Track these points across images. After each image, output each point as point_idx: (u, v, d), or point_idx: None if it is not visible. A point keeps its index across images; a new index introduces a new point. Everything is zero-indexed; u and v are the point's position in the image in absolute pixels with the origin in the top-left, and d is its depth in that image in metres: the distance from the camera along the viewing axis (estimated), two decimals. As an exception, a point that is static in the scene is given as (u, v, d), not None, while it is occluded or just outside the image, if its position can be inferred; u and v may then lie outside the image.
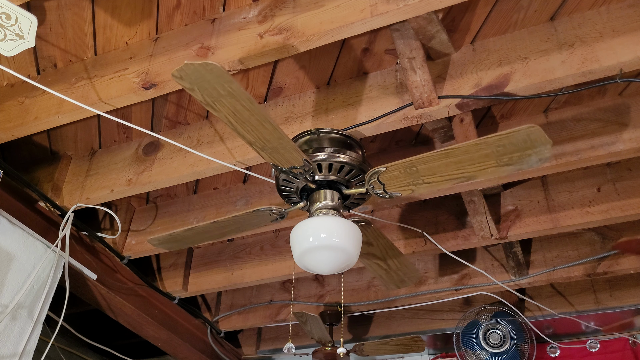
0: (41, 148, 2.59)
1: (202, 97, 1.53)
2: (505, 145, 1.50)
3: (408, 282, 2.34)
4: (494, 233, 2.54)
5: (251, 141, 1.68)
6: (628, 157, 2.31)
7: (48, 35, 2.09)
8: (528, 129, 1.44)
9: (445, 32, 1.93)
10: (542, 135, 1.44)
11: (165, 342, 3.20)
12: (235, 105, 1.55)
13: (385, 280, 2.32)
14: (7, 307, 2.09)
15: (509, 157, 1.52)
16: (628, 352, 3.16)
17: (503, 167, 1.56)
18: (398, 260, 2.20)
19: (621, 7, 1.88)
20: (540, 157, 1.49)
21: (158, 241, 2.12)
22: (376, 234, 2.05)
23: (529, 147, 1.48)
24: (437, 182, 1.68)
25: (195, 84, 1.49)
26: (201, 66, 1.42)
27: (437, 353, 3.71)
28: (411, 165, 1.66)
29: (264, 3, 1.91)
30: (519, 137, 1.46)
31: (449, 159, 1.59)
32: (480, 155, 1.55)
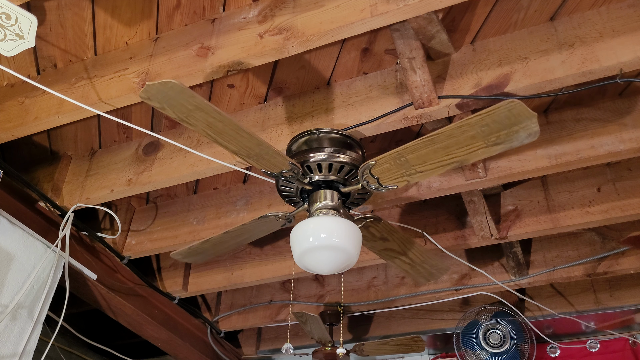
0: (41, 148, 2.59)
1: (175, 114, 1.56)
2: (489, 125, 1.46)
3: (437, 275, 2.27)
4: (494, 233, 2.54)
5: (235, 151, 1.70)
6: (628, 157, 2.31)
7: (48, 35, 2.09)
8: (508, 104, 1.40)
9: (445, 32, 1.93)
10: (524, 109, 1.40)
11: (165, 342, 3.20)
12: (207, 118, 1.57)
13: (413, 275, 2.26)
14: (7, 307, 2.09)
15: (496, 136, 1.48)
16: (628, 352, 3.16)
17: (493, 147, 1.52)
18: (420, 253, 2.14)
19: (621, 7, 1.88)
20: (529, 132, 1.45)
21: (182, 255, 2.18)
22: (389, 228, 2.02)
23: (514, 123, 1.44)
24: (430, 170, 1.66)
25: (163, 102, 1.52)
26: (162, 85, 1.46)
27: (437, 353, 3.71)
28: (399, 155, 1.65)
29: (264, 3, 1.91)
30: (502, 114, 1.42)
31: (436, 145, 1.57)
32: (467, 138, 1.52)
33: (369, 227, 2.02)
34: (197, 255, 2.26)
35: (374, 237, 2.07)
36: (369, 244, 2.12)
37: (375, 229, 2.02)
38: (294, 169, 1.80)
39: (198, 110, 1.54)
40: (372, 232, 2.05)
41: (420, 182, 2.37)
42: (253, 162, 1.76)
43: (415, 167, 1.67)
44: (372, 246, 2.13)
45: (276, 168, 1.79)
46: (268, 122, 2.26)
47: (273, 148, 1.69)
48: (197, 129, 1.62)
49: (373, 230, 2.03)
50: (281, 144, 2.17)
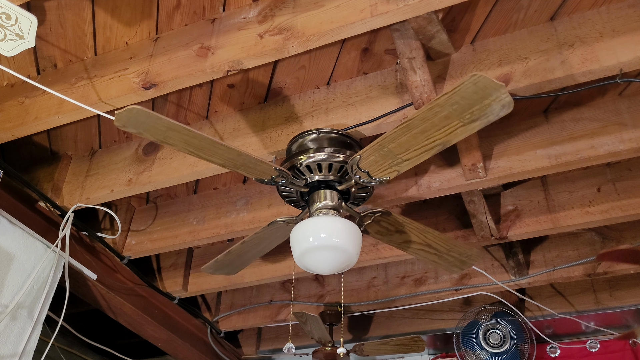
0: (41, 148, 2.59)
1: (153, 137, 1.61)
2: (459, 102, 1.43)
3: (470, 262, 2.17)
4: (494, 233, 2.54)
5: (220, 163, 1.72)
6: (628, 157, 2.31)
7: (48, 35, 2.09)
8: (471, 78, 1.37)
9: (445, 32, 1.93)
10: (489, 81, 1.36)
11: (165, 342, 3.20)
12: (182, 137, 1.61)
13: (443, 265, 2.19)
14: (7, 307, 2.09)
15: (469, 112, 1.45)
16: (628, 352, 3.16)
17: (470, 125, 1.49)
18: (443, 242, 2.08)
19: (621, 7, 1.88)
20: (502, 104, 1.41)
21: (212, 269, 2.23)
22: (402, 219, 1.98)
23: (483, 96, 1.40)
24: (416, 157, 1.64)
25: (138, 128, 1.57)
26: (128, 112, 1.51)
27: (437, 353, 3.71)
28: (381, 146, 1.64)
29: (264, 3, 1.91)
30: (468, 90, 1.39)
31: (412, 130, 1.55)
32: (441, 119, 1.49)
33: (380, 221, 1.98)
34: (225, 267, 2.28)
35: (389, 231, 2.02)
36: (386, 239, 2.07)
37: (387, 223, 1.98)
38: (282, 174, 1.80)
39: (170, 130, 1.58)
40: (385, 227, 2.01)
41: (420, 182, 2.37)
42: (242, 172, 1.78)
43: (401, 155, 1.65)
44: (390, 240, 2.08)
45: (265, 175, 1.80)
46: (268, 122, 2.26)
47: (254, 157, 1.70)
48: (179, 148, 1.66)
49: (385, 224, 1.99)
50: (281, 144, 2.17)
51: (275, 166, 1.76)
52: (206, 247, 3.18)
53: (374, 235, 2.07)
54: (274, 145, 2.18)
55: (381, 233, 2.04)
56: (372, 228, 2.02)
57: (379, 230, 2.02)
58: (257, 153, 2.20)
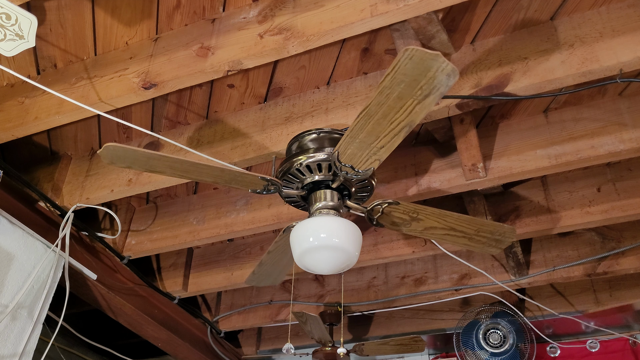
0: (41, 148, 2.59)
1: (140, 168, 1.70)
2: (404, 80, 1.41)
3: (506, 240, 2.01)
4: (494, 233, 2.54)
5: (211, 181, 1.77)
6: (628, 157, 2.31)
7: (48, 35, 2.09)
8: (405, 54, 1.34)
9: (445, 32, 1.93)
10: (423, 53, 1.33)
11: (165, 342, 3.20)
12: (164, 163, 1.68)
13: (478, 247, 2.06)
14: (7, 307, 2.09)
15: (419, 88, 1.42)
16: (628, 352, 3.16)
17: (426, 100, 1.45)
18: (468, 223, 1.96)
19: (621, 7, 1.88)
20: (447, 73, 1.37)
21: (254, 282, 2.31)
22: (414, 206, 1.89)
23: (425, 69, 1.37)
24: (389, 142, 1.61)
25: (125, 162, 1.65)
26: (105, 149, 1.61)
27: (437, 353, 3.71)
28: (352, 138, 1.63)
29: (264, 3, 1.91)
30: (407, 66, 1.37)
31: (374, 117, 1.54)
32: (395, 100, 1.47)
33: (391, 212, 1.91)
34: (265, 278, 2.31)
35: (404, 221, 1.94)
36: (405, 229, 1.98)
37: (399, 213, 1.90)
38: (272, 182, 1.82)
39: (152, 159, 1.65)
40: (399, 217, 1.93)
41: (420, 182, 2.37)
42: (234, 186, 1.82)
43: (374, 144, 1.63)
44: (409, 230, 1.99)
45: (256, 185, 1.82)
46: (268, 122, 2.26)
47: (238, 171, 1.73)
48: (168, 174, 1.73)
49: (398, 214, 1.92)
50: (281, 144, 2.17)
51: (260, 176, 1.77)
52: (206, 247, 3.18)
53: (390, 227, 1.98)
54: (274, 145, 2.18)
55: (397, 224, 1.96)
56: (385, 220, 1.95)
57: (394, 222, 1.94)
58: (257, 153, 2.20)
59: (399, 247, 2.75)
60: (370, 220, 1.93)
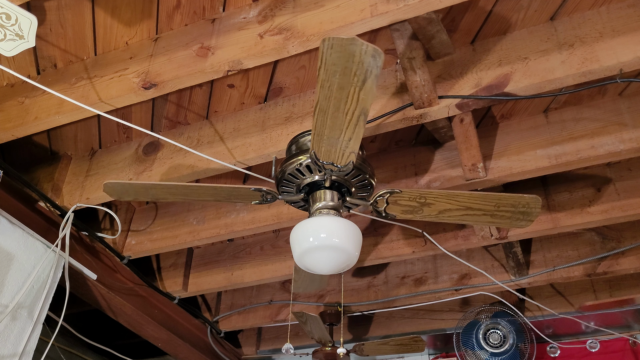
0: (41, 148, 2.59)
1: (146, 198, 1.79)
2: (337, 70, 1.39)
3: (534, 211, 1.84)
4: (494, 233, 2.54)
5: (210, 199, 1.86)
6: (628, 157, 2.31)
7: (48, 35, 2.09)
8: (324, 45, 1.32)
9: (445, 32, 1.93)
10: (339, 40, 1.31)
11: (165, 342, 3.20)
12: (164, 191, 1.78)
13: (505, 223, 1.92)
14: (7, 307, 2.09)
15: (354, 75, 1.40)
16: (628, 352, 3.16)
17: (366, 85, 1.43)
18: (484, 200, 1.82)
19: (621, 7, 1.88)
20: (371, 54, 1.34)
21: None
22: (418, 191, 1.82)
23: (350, 55, 1.35)
24: (353, 133, 1.58)
25: (131, 195, 1.76)
26: (106, 187, 1.75)
27: (437, 353, 3.71)
28: (319, 136, 1.61)
29: (264, 3, 1.91)
30: (332, 56, 1.35)
31: (328, 112, 1.52)
32: (338, 91, 1.45)
33: (397, 201, 1.85)
34: (307, 284, 2.34)
35: (414, 207, 1.87)
36: (419, 216, 1.90)
37: (405, 200, 1.84)
38: (267, 192, 1.84)
39: (152, 189, 1.76)
40: (407, 205, 1.87)
41: (420, 182, 2.37)
42: (235, 201, 1.88)
43: (341, 137, 1.60)
44: (423, 216, 1.90)
45: (254, 198, 1.85)
46: (268, 122, 2.26)
47: (230, 187, 1.77)
48: (171, 199, 1.85)
49: (404, 202, 1.85)
50: (281, 143, 2.17)
51: (254, 187, 1.79)
52: (206, 247, 3.18)
53: (402, 216, 1.91)
54: (274, 145, 2.18)
55: (408, 212, 1.88)
56: (394, 210, 1.89)
57: (404, 210, 1.87)
58: (257, 153, 2.20)
59: (399, 247, 2.75)
60: (379, 214, 1.88)
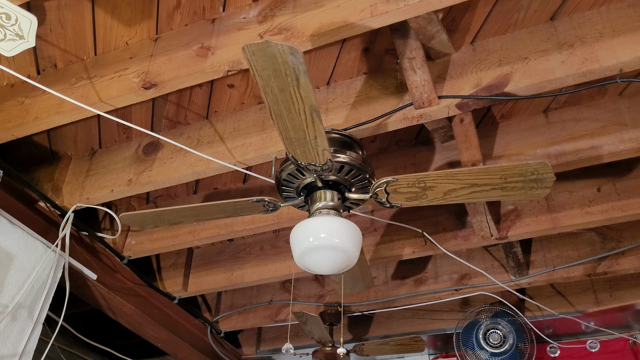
0: (41, 148, 2.59)
1: (159, 225, 2.00)
2: (269, 75, 1.41)
3: (547, 177, 1.68)
4: (494, 233, 2.54)
5: (220, 216, 1.98)
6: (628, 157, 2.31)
7: (48, 35, 2.09)
8: (246, 52, 1.35)
9: (445, 32, 1.93)
10: (256, 45, 1.33)
11: (165, 342, 3.20)
12: (175, 215, 1.92)
13: (519, 195, 1.78)
14: (7, 307, 2.09)
15: (285, 75, 1.41)
16: (628, 352, 3.16)
17: (300, 83, 1.43)
18: (488, 173, 1.72)
19: (621, 7, 1.88)
20: (289, 53, 1.35)
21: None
22: (414, 176, 1.76)
23: (272, 58, 1.37)
24: (314, 129, 1.58)
25: (149, 223, 1.98)
26: (124, 218, 1.92)
27: (437, 353, 3.71)
28: (288, 139, 1.64)
29: (264, 3, 1.91)
30: (258, 63, 1.38)
31: (283, 115, 1.54)
32: (280, 93, 1.47)
33: (397, 189, 1.81)
34: (352, 284, 2.32)
35: (418, 192, 1.81)
36: (426, 201, 1.83)
37: (405, 187, 1.80)
38: (269, 202, 1.90)
39: (163, 215, 1.93)
40: (409, 191, 1.82)
41: (420, 182, 2.37)
42: (242, 214, 1.98)
43: (306, 138, 1.61)
44: (431, 200, 1.83)
45: (257, 209, 1.92)
46: (268, 122, 2.26)
47: (232, 202, 1.85)
48: (185, 222, 2.01)
49: (405, 188, 1.81)
50: (281, 144, 2.17)
51: (255, 199, 1.86)
52: (206, 247, 3.18)
53: (408, 203, 1.85)
54: (274, 145, 2.18)
55: (412, 199, 1.83)
56: (397, 199, 1.84)
57: (408, 198, 1.83)
58: (257, 153, 2.20)
59: (399, 247, 2.75)
60: (383, 204, 1.86)
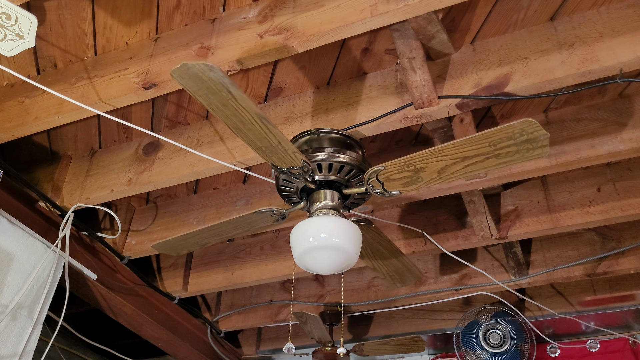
0: (41, 148, 2.59)
1: (196, 246, 2.17)
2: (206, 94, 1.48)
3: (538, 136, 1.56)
4: (494, 233, 2.54)
5: (245, 231, 2.09)
6: (628, 157, 2.31)
7: (48, 35, 2.09)
8: (176, 77, 1.42)
9: (445, 32, 1.93)
10: (179, 70, 1.40)
11: (165, 342, 3.20)
12: (205, 235, 2.07)
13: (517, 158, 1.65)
14: (7, 307, 2.09)
15: (218, 91, 1.47)
16: (628, 352, 3.16)
17: (234, 95, 1.49)
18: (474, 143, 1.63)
19: (621, 7, 1.88)
20: (209, 69, 1.41)
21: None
22: (402, 160, 1.73)
23: (197, 78, 1.43)
24: (274, 135, 1.63)
25: (179, 248, 2.18)
26: (156, 247, 2.11)
27: (437, 353, 3.71)
28: (261, 151, 1.71)
29: (264, 3, 1.91)
30: (191, 85, 1.45)
31: (242, 128, 1.61)
32: (226, 108, 1.54)
33: (389, 177, 1.78)
34: (397, 280, 2.31)
35: (411, 177, 1.75)
36: (424, 183, 1.79)
37: (396, 173, 1.75)
38: (277, 211, 1.96)
39: (189, 238, 2.09)
40: (402, 176, 1.76)
41: (420, 182, 2.37)
42: (255, 227, 2.05)
43: (274, 144, 1.66)
44: (428, 182, 1.78)
45: (268, 218, 1.96)
46: (268, 122, 2.26)
47: (245, 216, 1.92)
48: (211, 242, 2.16)
49: (397, 175, 1.76)
50: (281, 144, 2.17)
51: (263, 209, 1.94)
52: (206, 247, 3.18)
53: (406, 189, 1.82)
54: (274, 145, 2.18)
55: (408, 184, 1.79)
56: (393, 187, 1.82)
57: (403, 183, 1.80)
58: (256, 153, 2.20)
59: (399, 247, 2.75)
60: (383, 195, 1.84)
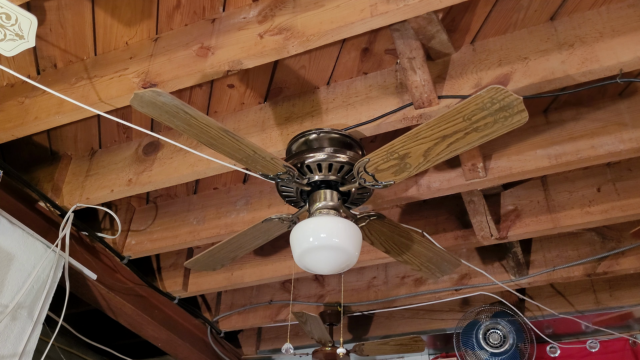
0: (41, 148, 2.59)
1: (228, 259, 2.29)
2: (168, 118, 1.58)
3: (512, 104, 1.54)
4: (494, 233, 2.54)
5: (265, 240, 2.18)
6: (628, 157, 2.31)
7: (48, 35, 2.09)
8: (134, 104, 1.52)
9: (445, 32, 1.93)
10: (135, 99, 1.50)
11: (165, 342, 3.20)
12: (231, 247, 2.14)
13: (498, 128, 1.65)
14: (7, 307, 2.09)
15: (177, 114, 1.56)
16: (628, 352, 3.16)
17: (191, 114, 1.56)
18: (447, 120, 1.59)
19: (621, 7, 1.88)
20: (158, 95, 1.49)
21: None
22: (384, 149, 1.73)
23: (154, 104, 1.53)
24: (230, 138, 1.67)
25: (211, 263, 2.30)
26: (190, 264, 2.24)
27: (437, 353, 3.71)
28: (229, 155, 1.73)
29: (264, 3, 1.91)
30: (150, 110, 1.54)
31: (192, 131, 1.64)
32: (190, 128, 1.62)
33: (377, 167, 1.79)
34: (436, 270, 2.31)
35: (399, 164, 1.77)
36: (414, 169, 1.78)
37: (383, 162, 1.75)
38: (285, 218, 1.98)
39: (214, 254, 2.21)
40: (390, 165, 1.77)
41: (420, 182, 2.37)
42: (270, 235, 2.06)
43: (235, 146, 1.69)
44: (418, 167, 1.78)
45: (279, 226, 1.96)
46: (268, 122, 2.26)
47: (259, 226, 1.96)
48: (240, 255, 2.26)
49: (384, 165, 1.77)
50: (281, 144, 2.17)
51: (274, 216, 1.99)
52: (206, 247, 3.18)
53: (399, 178, 1.81)
54: (274, 146, 2.18)
55: (398, 172, 1.78)
56: (384, 177, 1.81)
57: (393, 172, 1.79)
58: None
59: (399, 247, 2.75)
60: (377, 187, 1.87)
